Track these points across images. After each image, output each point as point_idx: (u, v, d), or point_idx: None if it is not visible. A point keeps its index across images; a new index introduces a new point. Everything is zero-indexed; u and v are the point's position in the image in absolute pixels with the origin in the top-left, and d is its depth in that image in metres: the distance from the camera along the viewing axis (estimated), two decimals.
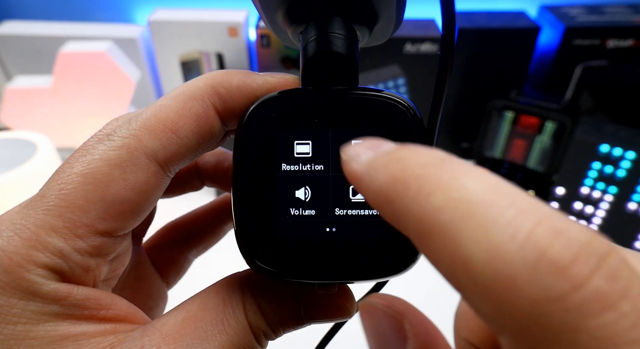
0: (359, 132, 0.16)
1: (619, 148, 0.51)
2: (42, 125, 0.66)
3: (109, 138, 0.15)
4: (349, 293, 0.17)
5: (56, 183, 0.14)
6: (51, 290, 0.13)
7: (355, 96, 0.16)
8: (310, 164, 0.16)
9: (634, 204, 0.53)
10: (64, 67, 0.63)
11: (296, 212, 0.16)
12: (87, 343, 0.14)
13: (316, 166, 0.16)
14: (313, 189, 0.16)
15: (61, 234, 0.13)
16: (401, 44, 0.60)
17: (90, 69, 0.63)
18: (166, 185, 0.16)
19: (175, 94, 0.15)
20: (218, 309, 0.15)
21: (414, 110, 0.16)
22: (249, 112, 0.16)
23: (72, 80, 0.64)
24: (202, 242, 0.23)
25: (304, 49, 0.16)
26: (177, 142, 0.15)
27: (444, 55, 0.14)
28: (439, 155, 0.10)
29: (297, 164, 0.16)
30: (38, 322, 0.13)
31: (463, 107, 0.66)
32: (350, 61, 0.16)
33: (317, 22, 0.16)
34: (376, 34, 0.18)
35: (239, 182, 0.16)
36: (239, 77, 0.16)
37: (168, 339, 0.14)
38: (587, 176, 0.55)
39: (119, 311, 0.15)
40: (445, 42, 0.14)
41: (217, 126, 0.16)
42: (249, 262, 0.16)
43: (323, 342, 0.20)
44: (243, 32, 0.65)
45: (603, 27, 0.59)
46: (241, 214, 0.16)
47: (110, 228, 0.14)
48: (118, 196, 0.14)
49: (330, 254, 0.15)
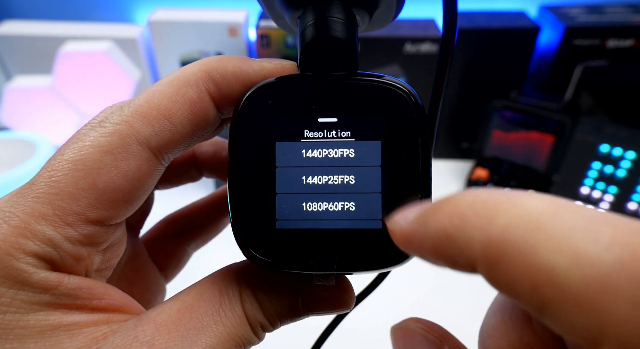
0: (358, 118, 0.15)
1: (619, 148, 0.51)
2: (42, 125, 0.66)
3: (101, 125, 0.14)
4: (347, 284, 0.16)
5: (46, 170, 0.14)
6: (41, 279, 0.13)
7: (355, 82, 0.15)
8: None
9: (634, 204, 0.53)
10: (64, 67, 0.63)
11: (294, 202, 0.15)
12: (80, 333, 0.13)
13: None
14: (312, 178, 0.15)
15: (51, 222, 0.13)
16: (401, 44, 0.60)
17: (90, 69, 0.63)
18: (160, 173, 0.15)
19: (168, 80, 0.15)
20: (214, 300, 0.15)
21: (415, 96, 0.15)
22: (244, 99, 0.15)
23: (72, 80, 0.64)
24: (201, 235, 0.23)
25: (302, 34, 0.16)
26: (171, 129, 0.15)
27: (446, 36, 0.14)
28: (485, 189, 0.10)
29: None
30: (28, 311, 0.13)
31: (463, 107, 0.66)
32: (350, 46, 0.15)
33: (316, 6, 0.16)
34: (376, 19, 0.17)
35: (235, 171, 0.15)
36: (235, 62, 0.15)
37: (162, 330, 0.14)
38: (587, 176, 0.54)
39: (112, 301, 0.14)
40: (447, 23, 0.14)
41: (212, 112, 0.16)
42: (245, 253, 0.16)
43: (322, 336, 0.20)
44: (243, 32, 0.65)
45: (603, 27, 0.59)
46: (237, 204, 0.15)
47: (101, 216, 0.14)
48: (110, 184, 0.14)
49: (328, 244, 0.15)
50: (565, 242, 0.08)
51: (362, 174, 0.15)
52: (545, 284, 0.08)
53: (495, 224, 0.09)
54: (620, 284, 0.07)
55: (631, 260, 0.08)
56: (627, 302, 0.07)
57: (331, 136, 0.15)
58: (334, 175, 0.15)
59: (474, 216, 0.09)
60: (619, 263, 0.08)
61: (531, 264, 0.08)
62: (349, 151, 0.15)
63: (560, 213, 0.09)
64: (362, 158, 0.15)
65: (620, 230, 0.08)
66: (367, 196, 0.15)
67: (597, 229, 0.08)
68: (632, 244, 0.08)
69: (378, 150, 0.15)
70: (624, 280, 0.07)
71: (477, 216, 0.09)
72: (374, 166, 0.15)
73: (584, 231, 0.08)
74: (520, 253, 0.08)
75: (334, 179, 0.15)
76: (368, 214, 0.15)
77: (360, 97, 0.15)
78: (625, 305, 0.07)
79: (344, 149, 0.15)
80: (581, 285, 0.08)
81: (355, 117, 0.15)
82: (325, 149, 0.15)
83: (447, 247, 0.10)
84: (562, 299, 0.08)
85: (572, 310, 0.08)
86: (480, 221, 0.09)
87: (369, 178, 0.15)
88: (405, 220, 0.11)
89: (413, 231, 0.11)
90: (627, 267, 0.07)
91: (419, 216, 0.11)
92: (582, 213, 0.08)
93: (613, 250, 0.08)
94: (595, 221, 0.08)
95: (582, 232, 0.08)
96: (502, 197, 0.09)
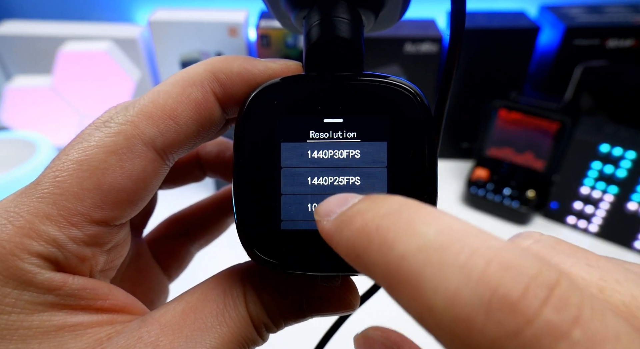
0: (364, 119, 0.15)
1: (619, 148, 0.51)
2: (42, 125, 0.66)
3: (106, 125, 0.14)
4: (352, 285, 0.16)
5: (51, 170, 0.14)
6: (45, 279, 0.13)
7: (361, 82, 0.15)
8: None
9: (634, 204, 0.53)
10: (64, 67, 0.62)
11: (299, 203, 0.15)
12: (84, 334, 0.13)
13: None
14: (317, 179, 0.15)
15: (55, 222, 0.13)
16: (401, 44, 0.60)
17: (90, 69, 0.63)
18: (165, 174, 0.15)
19: (173, 80, 0.15)
20: (218, 301, 0.15)
21: (421, 97, 0.15)
22: (250, 99, 0.15)
23: (72, 80, 0.64)
24: (204, 236, 0.23)
25: (307, 34, 0.15)
26: (176, 129, 0.15)
27: (453, 37, 0.14)
28: (397, 202, 0.11)
29: None
30: (32, 312, 0.13)
31: (463, 107, 0.66)
32: (356, 47, 0.15)
33: (321, 6, 0.16)
34: (382, 19, 0.17)
35: (240, 171, 0.15)
36: (240, 62, 0.15)
37: (167, 330, 0.14)
38: (587, 175, 0.54)
39: (116, 302, 0.14)
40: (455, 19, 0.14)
41: (217, 113, 0.15)
42: (249, 254, 0.15)
43: (326, 337, 0.20)
44: (243, 32, 0.65)
45: (603, 27, 0.59)
46: (242, 205, 0.15)
47: (106, 217, 0.14)
48: (114, 184, 0.14)
49: None
50: (444, 282, 0.09)
51: (368, 175, 0.15)
52: (426, 319, 0.09)
53: (393, 254, 0.10)
54: (479, 323, 0.08)
55: (489, 300, 0.08)
56: (484, 338, 0.08)
57: (337, 136, 0.15)
58: (339, 176, 0.15)
59: (377, 240, 0.10)
60: (481, 303, 0.08)
61: (417, 298, 0.09)
62: (355, 151, 0.15)
63: (446, 246, 0.09)
64: (368, 159, 0.15)
65: (491, 266, 0.09)
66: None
67: (472, 265, 0.09)
68: (495, 283, 0.08)
69: (384, 151, 0.15)
70: (481, 319, 0.08)
71: (379, 241, 0.10)
72: (379, 167, 0.15)
73: (460, 268, 0.09)
74: (410, 286, 0.09)
75: (340, 180, 0.15)
76: None
77: (366, 97, 0.15)
78: (482, 340, 0.08)
79: (349, 150, 0.15)
80: (452, 324, 0.09)
81: (361, 118, 0.15)
82: (331, 150, 0.15)
83: (355, 261, 0.11)
84: (439, 333, 0.09)
85: (447, 343, 0.09)
86: (381, 247, 0.10)
87: (374, 179, 0.15)
88: (328, 218, 0.12)
89: (331, 234, 0.12)
90: (485, 308, 0.08)
91: (337, 218, 0.12)
92: (468, 245, 0.09)
93: (477, 291, 0.08)
94: (474, 255, 0.09)
95: (459, 271, 0.09)
96: (402, 222, 0.10)
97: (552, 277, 0.09)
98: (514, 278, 0.08)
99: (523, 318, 0.08)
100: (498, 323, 0.08)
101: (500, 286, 0.08)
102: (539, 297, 0.08)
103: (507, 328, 0.08)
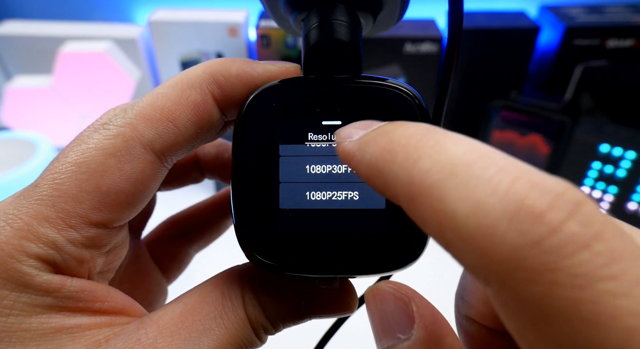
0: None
1: (619, 148, 0.51)
2: (42, 125, 0.66)
3: (104, 127, 0.14)
4: (350, 287, 0.16)
5: (50, 172, 0.14)
6: (44, 281, 0.13)
7: (359, 85, 0.15)
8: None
9: (634, 204, 0.53)
10: (64, 67, 0.62)
11: (298, 206, 0.15)
12: (82, 336, 0.13)
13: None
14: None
15: (54, 224, 0.13)
16: (401, 44, 0.60)
17: (90, 69, 0.63)
18: (163, 176, 0.15)
19: (172, 82, 0.15)
20: (217, 303, 0.15)
21: (419, 99, 0.15)
22: (248, 101, 0.15)
23: (72, 80, 0.64)
24: (203, 237, 0.23)
25: (306, 37, 0.16)
26: (175, 131, 0.15)
27: (452, 35, 0.14)
28: (424, 126, 0.11)
29: None
30: (30, 314, 0.13)
31: (463, 107, 0.66)
32: (354, 49, 0.15)
33: (320, 8, 0.16)
34: (380, 22, 0.17)
35: (238, 174, 0.15)
36: (239, 65, 0.15)
37: (165, 332, 0.14)
38: (587, 176, 0.54)
39: (115, 304, 0.14)
40: (452, 23, 0.14)
41: (215, 115, 0.16)
42: (248, 256, 0.16)
43: (324, 339, 0.20)
44: (243, 32, 0.65)
45: (603, 27, 0.59)
46: (241, 207, 0.15)
47: (105, 219, 0.14)
48: (113, 186, 0.14)
49: (332, 248, 0.15)
50: (469, 192, 0.09)
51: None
52: (447, 228, 0.09)
53: (418, 167, 0.10)
54: (502, 231, 0.09)
55: (515, 211, 0.09)
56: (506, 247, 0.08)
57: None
58: (337, 171, 0.15)
59: (402, 155, 0.10)
60: (506, 212, 0.09)
61: (439, 209, 0.09)
62: None
63: (474, 162, 0.09)
64: None
65: (518, 182, 0.09)
66: (370, 201, 0.15)
67: (500, 179, 0.09)
68: (521, 196, 0.09)
69: None
70: (504, 228, 0.08)
71: (404, 155, 0.10)
72: None
73: (488, 181, 0.09)
74: (433, 197, 0.09)
75: (337, 171, 0.15)
76: (372, 217, 0.15)
77: (364, 100, 0.15)
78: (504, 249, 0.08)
79: None
80: (474, 232, 0.09)
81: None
82: (331, 150, 0.15)
83: (376, 177, 0.11)
84: (459, 242, 0.09)
85: (465, 251, 0.09)
86: (406, 162, 0.10)
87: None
88: (349, 138, 0.12)
89: (352, 153, 0.12)
90: (509, 217, 0.09)
91: (359, 139, 0.12)
92: (495, 162, 0.09)
93: (504, 202, 0.09)
94: (502, 171, 0.09)
95: (485, 183, 0.09)
96: (430, 141, 0.10)
97: (578, 196, 0.09)
98: (541, 193, 0.09)
99: (547, 227, 0.08)
100: (521, 232, 0.08)
101: (526, 198, 0.09)
102: (564, 210, 0.08)
103: (529, 237, 0.08)
